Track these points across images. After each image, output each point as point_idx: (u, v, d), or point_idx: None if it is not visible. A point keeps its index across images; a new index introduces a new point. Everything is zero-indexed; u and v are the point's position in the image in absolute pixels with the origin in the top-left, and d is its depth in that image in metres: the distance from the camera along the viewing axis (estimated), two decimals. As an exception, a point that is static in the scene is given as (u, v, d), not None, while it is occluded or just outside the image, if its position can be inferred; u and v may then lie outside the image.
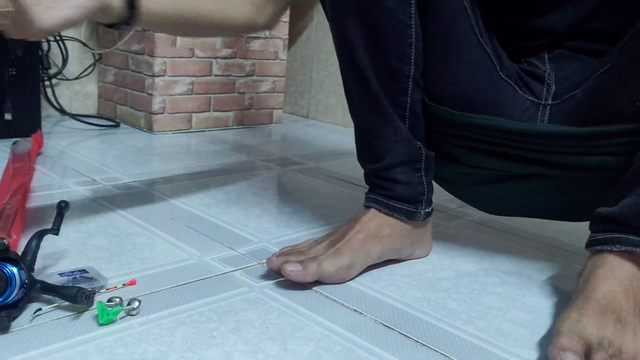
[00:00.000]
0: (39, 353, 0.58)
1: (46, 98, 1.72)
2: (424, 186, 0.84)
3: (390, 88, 0.79)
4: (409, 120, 0.81)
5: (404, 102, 0.80)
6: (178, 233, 0.92)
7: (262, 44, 1.83)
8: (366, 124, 0.83)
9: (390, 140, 0.81)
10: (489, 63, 0.81)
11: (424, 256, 0.91)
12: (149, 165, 1.32)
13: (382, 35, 0.76)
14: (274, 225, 0.99)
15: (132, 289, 0.73)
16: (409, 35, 0.76)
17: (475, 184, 0.90)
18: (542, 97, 0.84)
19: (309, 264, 0.76)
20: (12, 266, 0.63)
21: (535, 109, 0.83)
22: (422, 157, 0.83)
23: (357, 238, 0.81)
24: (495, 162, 0.84)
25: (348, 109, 0.86)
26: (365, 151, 0.85)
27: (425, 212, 0.85)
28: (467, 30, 0.79)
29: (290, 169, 1.39)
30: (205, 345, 0.62)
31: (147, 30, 1.61)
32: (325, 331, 0.67)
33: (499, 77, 0.82)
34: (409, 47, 0.77)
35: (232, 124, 1.83)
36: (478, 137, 0.82)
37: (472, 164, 0.87)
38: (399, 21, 0.75)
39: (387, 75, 0.78)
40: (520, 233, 1.06)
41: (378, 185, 0.85)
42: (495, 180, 0.88)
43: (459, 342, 0.67)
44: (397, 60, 0.77)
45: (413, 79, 0.79)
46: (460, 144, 0.85)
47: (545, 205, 0.89)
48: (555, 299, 0.80)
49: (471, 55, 0.80)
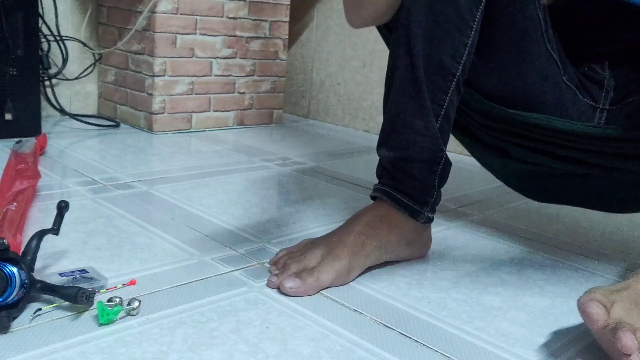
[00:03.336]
0: (39, 353, 0.58)
1: (46, 98, 1.72)
2: (434, 189, 0.84)
3: (434, 82, 0.79)
4: (441, 121, 0.81)
5: (443, 100, 0.80)
6: (178, 233, 0.92)
7: (262, 44, 1.83)
8: (400, 110, 0.82)
9: (419, 132, 0.81)
10: (554, 68, 0.84)
11: (422, 256, 0.91)
12: (149, 165, 1.32)
13: (444, 28, 0.77)
14: (274, 225, 0.99)
15: (132, 289, 0.73)
16: (468, 36, 0.78)
17: (522, 175, 0.95)
18: (599, 101, 0.87)
19: (307, 278, 0.75)
20: (12, 266, 0.63)
21: (593, 112, 0.87)
22: (441, 160, 0.83)
23: (355, 241, 0.80)
24: (541, 159, 0.89)
25: (383, 98, 0.86)
26: (390, 137, 0.84)
27: (428, 217, 0.85)
28: (539, 38, 0.82)
29: (290, 169, 1.39)
30: (205, 345, 0.62)
31: (148, 30, 1.61)
32: (325, 331, 0.67)
33: (562, 82, 0.85)
34: (464, 48, 0.78)
35: (232, 124, 1.83)
36: (529, 135, 0.86)
37: (521, 159, 0.91)
38: (463, 20, 0.77)
39: (436, 68, 0.79)
40: (521, 233, 1.06)
41: (391, 176, 0.85)
42: (541, 175, 0.93)
43: (459, 342, 0.67)
44: (449, 57, 0.78)
45: (457, 80, 0.80)
46: (512, 140, 0.89)
47: (586, 198, 0.96)
48: (555, 299, 0.80)
49: (540, 62, 0.83)
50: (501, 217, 1.14)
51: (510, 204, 1.24)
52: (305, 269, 0.77)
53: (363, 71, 1.94)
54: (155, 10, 1.58)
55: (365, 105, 1.94)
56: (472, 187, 1.36)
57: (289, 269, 0.77)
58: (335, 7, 1.99)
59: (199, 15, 1.66)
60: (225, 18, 1.72)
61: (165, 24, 1.60)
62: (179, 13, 1.62)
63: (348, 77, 1.98)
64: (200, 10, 1.66)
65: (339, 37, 1.99)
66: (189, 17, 1.64)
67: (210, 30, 1.70)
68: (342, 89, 2.01)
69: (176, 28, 1.62)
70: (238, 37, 1.77)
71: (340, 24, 1.98)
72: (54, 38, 1.70)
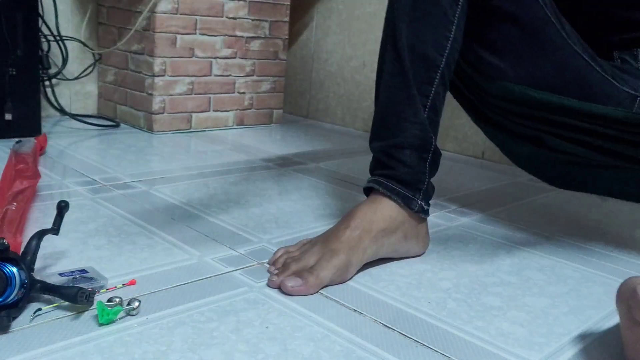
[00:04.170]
0: (39, 353, 0.58)
1: (46, 98, 1.72)
2: (425, 176, 0.87)
3: (420, 73, 0.84)
4: (428, 112, 0.85)
5: (429, 91, 0.84)
6: (178, 233, 0.92)
7: (262, 44, 1.83)
8: (389, 100, 0.86)
9: (408, 120, 0.85)
10: (580, 60, 0.87)
11: (420, 254, 0.91)
12: (149, 165, 1.32)
13: (427, 23, 0.83)
14: (274, 225, 0.99)
15: (132, 289, 0.73)
16: (450, 31, 0.83)
17: (553, 163, 0.98)
18: (639, 90, 0.89)
19: (308, 277, 0.75)
20: (12, 266, 0.63)
21: (632, 101, 0.88)
22: (431, 147, 0.86)
23: (352, 236, 0.81)
24: (576, 149, 0.91)
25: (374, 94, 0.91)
26: (380, 128, 0.88)
27: (421, 206, 0.86)
28: (553, 34, 0.86)
29: (290, 169, 1.39)
30: (205, 345, 0.62)
31: (148, 30, 1.61)
32: (325, 331, 0.67)
33: (595, 72, 0.87)
34: (447, 41, 0.83)
35: (232, 123, 1.83)
36: (565, 122, 0.89)
37: (556, 148, 0.94)
38: (445, 15, 0.83)
39: (420, 60, 0.83)
40: (521, 233, 1.06)
41: (383, 164, 0.87)
42: (572, 163, 0.96)
43: (459, 342, 0.67)
44: (433, 49, 0.83)
45: (442, 72, 0.84)
46: (547, 129, 0.92)
47: (616, 189, 0.98)
48: (555, 299, 0.80)
49: (558, 55, 0.86)
50: (501, 217, 1.14)
51: (510, 203, 1.24)
52: (305, 267, 0.77)
53: (363, 71, 1.94)
54: (155, 10, 1.58)
55: (365, 105, 1.94)
56: (472, 187, 1.36)
57: (289, 268, 0.77)
58: (335, 7, 1.99)
59: (199, 15, 1.66)
60: (225, 18, 1.72)
61: (165, 24, 1.60)
62: (178, 13, 1.62)
63: (348, 77, 1.98)
64: (200, 10, 1.66)
65: (339, 37, 1.99)
66: (189, 17, 1.64)
67: (210, 30, 1.70)
68: (342, 89, 2.01)
69: (176, 28, 1.62)
70: (238, 37, 1.77)
71: (340, 23, 1.98)
72: (54, 38, 1.70)
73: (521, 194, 1.33)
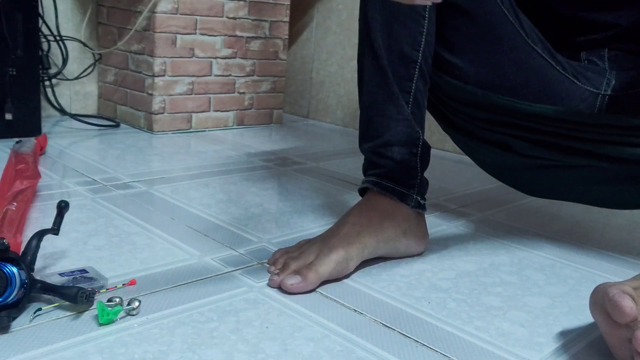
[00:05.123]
0: (39, 353, 0.58)
1: (46, 98, 1.72)
2: (417, 170, 0.87)
3: (399, 70, 0.85)
4: (411, 107, 0.86)
5: (409, 87, 0.85)
6: (178, 233, 0.92)
7: (262, 44, 1.83)
8: (372, 100, 0.87)
9: (392, 118, 0.85)
10: (539, 59, 0.87)
11: (420, 252, 0.91)
12: (149, 165, 1.32)
13: (399, 20, 0.84)
14: (274, 225, 0.99)
15: (132, 289, 0.73)
16: (422, 25, 0.84)
17: (522, 169, 0.96)
18: (601, 88, 0.89)
19: (307, 273, 0.75)
20: (12, 266, 0.63)
21: (594, 99, 0.89)
22: (419, 142, 0.86)
23: (351, 231, 0.81)
24: (543, 152, 0.91)
25: (357, 96, 0.91)
26: (367, 128, 0.89)
27: (417, 201, 0.87)
28: (510, 32, 0.87)
29: (290, 169, 1.39)
30: (205, 345, 0.62)
31: (148, 30, 1.61)
32: (325, 331, 0.67)
33: (555, 71, 0.88)
34: (421, 36, 0.84)
35: (232, 124, 1.83)
36: (529, 126, 0.88)
37: (524, 153, 0.93)
38: (415, 10, 0.84)
39: (398, 58, 0.84)
40: (520, 233, 1.06)
41: (374, 164, 0.88)
42: (541, 168, 0.94)
43: (459, 342, 0.67)
44: (408, 46, 0.84)
45: (420, 67, 0.85)
46: (514, 133, 0.91)
47: (588, 193, 0.95)
48: (555, 299, 0.80)
49: (517, 53, 0.87)
50: (501, 217, 1.14)
51: (510, 204, 1.24)
52: (304, 265, 0.77)
53: (363, 71, 1.94)
54: (155, 10, 1.58)
55: (365, 105, 1.94)
56: (472, 187, 1.36)
57: (289, 267, 0.78)
58: (335, 7, 1.99)
59: (199, 15, 1.66)
60: (225, 18, 1.72)
61: (165, 24, 1.60)
62: (178, 13, 1.62)
63: (348, 77, 1.98)
64: (200, 10, 1.66)
65: (339, 37, 1.99)
66: (189, 17, 1.64)
67: (210, 30, 1.70)
68: (342, 89, 2.01)
69: (176, 28, 1.62)
70: (238, 37, 1.77)
71: (340, 23, 1.98)
72: (54, 38, 1.70)
73: (521, 194, 1.33)
